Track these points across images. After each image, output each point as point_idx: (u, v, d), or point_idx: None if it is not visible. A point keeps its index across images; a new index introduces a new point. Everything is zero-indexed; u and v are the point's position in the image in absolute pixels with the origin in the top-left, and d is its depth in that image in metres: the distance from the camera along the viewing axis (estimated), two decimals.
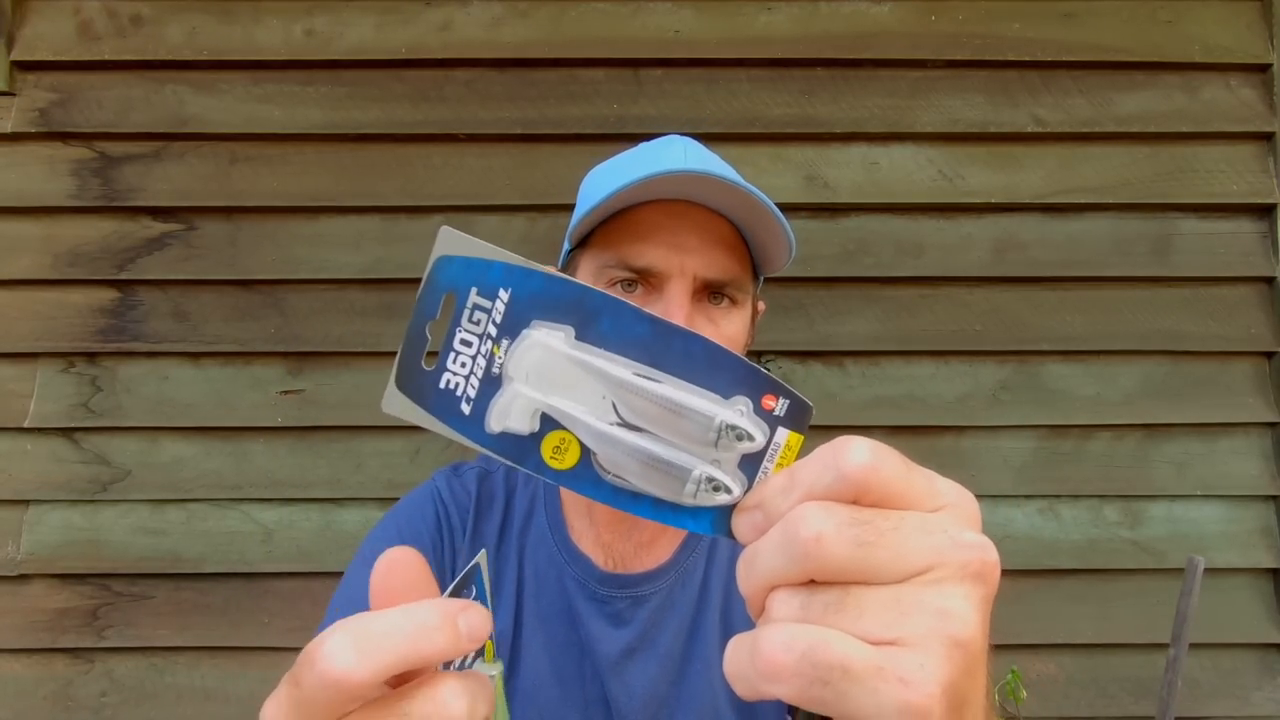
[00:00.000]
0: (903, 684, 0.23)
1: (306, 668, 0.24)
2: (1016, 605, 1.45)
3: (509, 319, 0.28)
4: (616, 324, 0.28)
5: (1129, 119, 1.47)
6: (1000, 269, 1.47)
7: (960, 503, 0.27)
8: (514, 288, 0.28)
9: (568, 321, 0.28)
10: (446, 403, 0.28)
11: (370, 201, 1.46)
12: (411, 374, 0.29)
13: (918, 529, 0.25)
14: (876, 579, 0.24)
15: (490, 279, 0.28)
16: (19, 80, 1.44)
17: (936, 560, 0.24)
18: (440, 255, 0.28)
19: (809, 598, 0.25)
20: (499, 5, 1.47)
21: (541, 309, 0.28)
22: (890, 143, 1.48)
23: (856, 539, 0.24)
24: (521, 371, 0.28)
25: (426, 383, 0.28)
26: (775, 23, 1.47)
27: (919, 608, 0.24)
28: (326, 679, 0.23)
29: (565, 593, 0.68)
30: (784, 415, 0.28)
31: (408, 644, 0.24)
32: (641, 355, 0.28)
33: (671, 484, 0.28)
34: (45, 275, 1.43)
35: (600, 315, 0.28)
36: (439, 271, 0.28)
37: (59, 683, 1.42)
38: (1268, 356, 1.47)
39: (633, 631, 0.67)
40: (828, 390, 1.47)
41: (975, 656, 0.24)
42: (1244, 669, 1.45)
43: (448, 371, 0.28)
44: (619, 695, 0.65)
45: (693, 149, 0.68)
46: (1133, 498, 1.46)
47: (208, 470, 1.44)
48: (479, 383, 0.28)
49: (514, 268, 0.28)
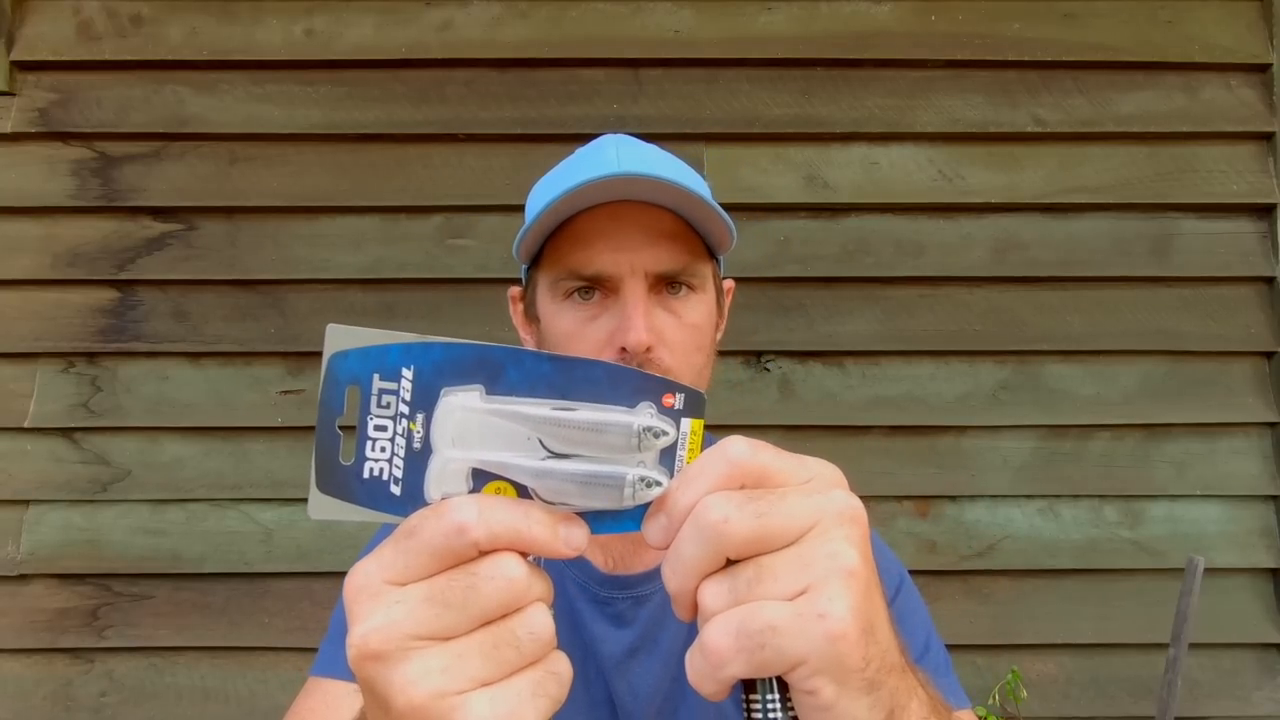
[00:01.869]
0: (821, 618, 0.28)
1: (431, 520, 0.28)
2: (1016, 605, 1.45)
3: (418, 393, 0.29)
4: (520, 370, 0.30)
5: (1129, 119, 1.47)
6: (1000, 269, 1.47)
7: (825, 473, 0.31)
8: (415, 363, 0.29)
9: (476, 381, 0.29)
10: (375, 490, 0.30)
11: (370, 201, 1.46)
12: (332, 473, 0.30)
13: (798, 497, 0.30)
14: (778, 543, 0.29)
15: (390, 361, 0.29)
16: (19, 80, 1.44)
17: (818, 516, 0.29)
18: (334, 352, 0.29)
19: (733, 581, 0.29)
20: (499, 5, 1.47)
21: (447, 376, 0.29)
22: (890, 143, 1.48)
23: (755, 512, 0.28)
24: (446, 437, 0.29)
25: (350, 477, 0.29)
26: (775, 23, 1.47)
27: (815, 556, 0.29)
28: (450, 525, 0.27)
29: (567, 595, 0.68)
30: (683, 407, 0.31)
31: (520, 523, 0.28)
32: (550, 392, 0.30)
33: (611, 494, 0.30)
34: (45, 275, 1.43)
35: (505, 367, 0.29)
36: (336, 368, 0.29)
37: (59, 683, 1.42)
38: (1268, 356, 1.47)
39: (635, 631, 0.67)
40: (828, 390, 1.47)
41: (865, 582, 0.29)
42: (1244, 669, 1.45)
43: (368, 460, 0.29)
44: (624, 695, 0.65)
45: (625, 147, 0.67)
46: (1133, 498, 1.46)
47: (208, 470, 1.44)
48: (403, 461, 0.29)
49: (411, 345, 0.29)
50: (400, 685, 0.27)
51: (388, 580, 0.28)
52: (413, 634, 0.27)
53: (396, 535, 0.29)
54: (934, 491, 1.46)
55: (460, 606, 0.28)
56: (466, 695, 0.27)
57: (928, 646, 0.68)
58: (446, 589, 0.28)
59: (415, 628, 0.27)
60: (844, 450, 1.45)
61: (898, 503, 1.46)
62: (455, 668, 0.27)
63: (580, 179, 0.59)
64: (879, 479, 1.44)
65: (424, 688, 0.27)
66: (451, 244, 1.47)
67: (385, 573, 0.28)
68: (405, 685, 0.27)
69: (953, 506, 1.46)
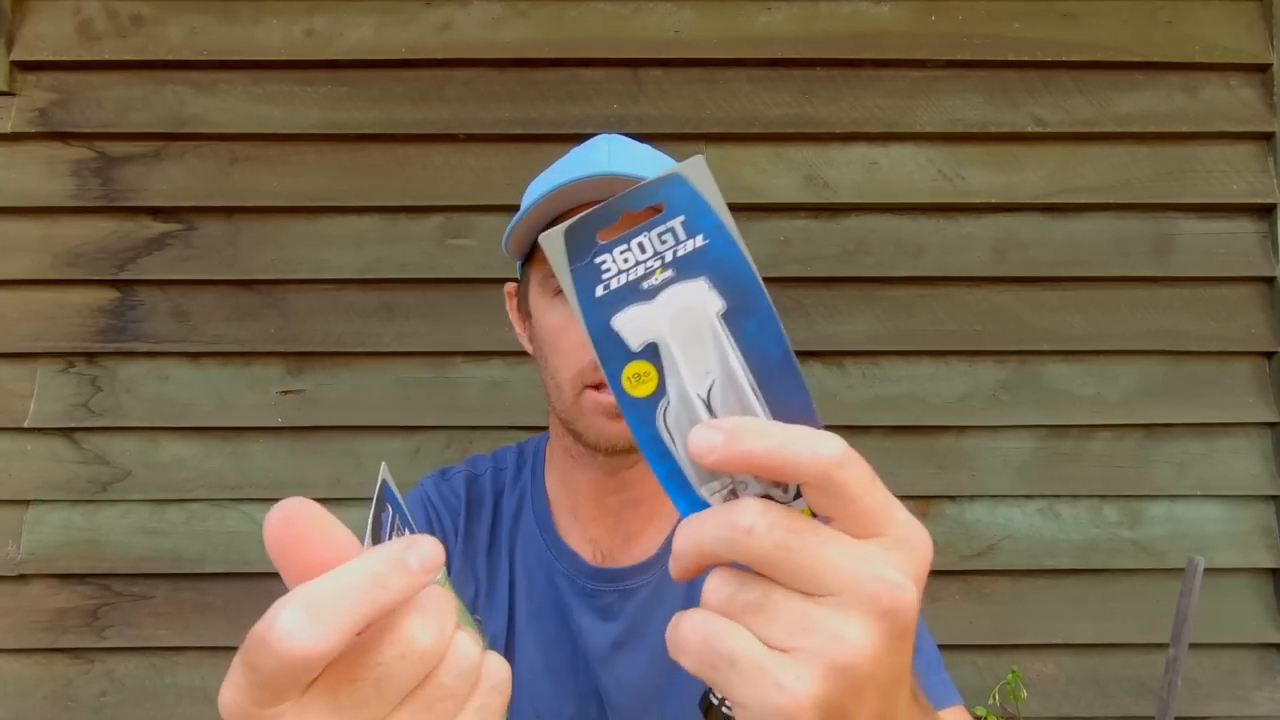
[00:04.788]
0: (777, 689, 0.25)
1: (262, 651, 0.23)
2: (1016, 605, 1.45)
3: (689, 260, 0.29)
4: (760, 331, 0.29)
5: (1129, 119, 1.47)
6: (1000, 269, 1.47)
7: (907, 539, 0.28)
8: (711, 242, 0.29)
9: (727, 299, 0.29)
10: (590, 274, 0.29)
11: (370, 201, 1.46)
12: (584, 234, 0.29)
13: (842, 552, 0.26)
14: (792, 584, 0.27)
15: (700, 223, 0.29)
16: (19, 80, 1.44)
17: (849, 586, 0.26)
18: (692, 173, 0.28)
19: (736, 592, 0.27)
20: (499, 5, 1.47)
21: (717, 275, 0.29)
22: (890, 143, 1.48)
23: (780, 543, 0.26)
24: (669, 305, 0.29)
25: (588, 248, 0.29)
26: (775, 23, 1.47)
27: (819, 627, 0.26)
28: (287, 659, 0.22)
29: (555, 588, 0.69)
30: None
31: (366, 600, 0.24)
32: (756, 368, 0.29)
33: (704, 474, 0.29)
34: (45, 275, 1.43)
35: (752, 315, 0.29)
36: (671, 188, 0.29)
37: (59, 683, 1.42)
38: (1268, 356, 1.47)
39: (621, 625, 0.68)
40: (828, 390, 1.47)
41: (860, 681, 0.26)
42: (1244, 669, 1.45)
43: (610, 254, 0.29)
44: (610, 687, 0.66)
45: (617, 147, 0.68)
46: (1133, 498, 1.46)
47: (208, 470, 1.44)
48: (625, 283, 0.29)
49: (724, 229, 0.29)
50: None
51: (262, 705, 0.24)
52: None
53: (240, 658, 0.24)
54: (934, 491, 1.46)
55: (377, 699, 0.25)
56: None
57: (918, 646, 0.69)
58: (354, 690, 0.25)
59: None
60: None
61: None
62: None
63: (570, 177, 0.59)
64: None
65: None
66: (451, 244, 1.47)
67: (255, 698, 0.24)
68: None
69: (953, 506, 1.46)
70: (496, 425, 1.44)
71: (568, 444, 0.70)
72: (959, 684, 0.68)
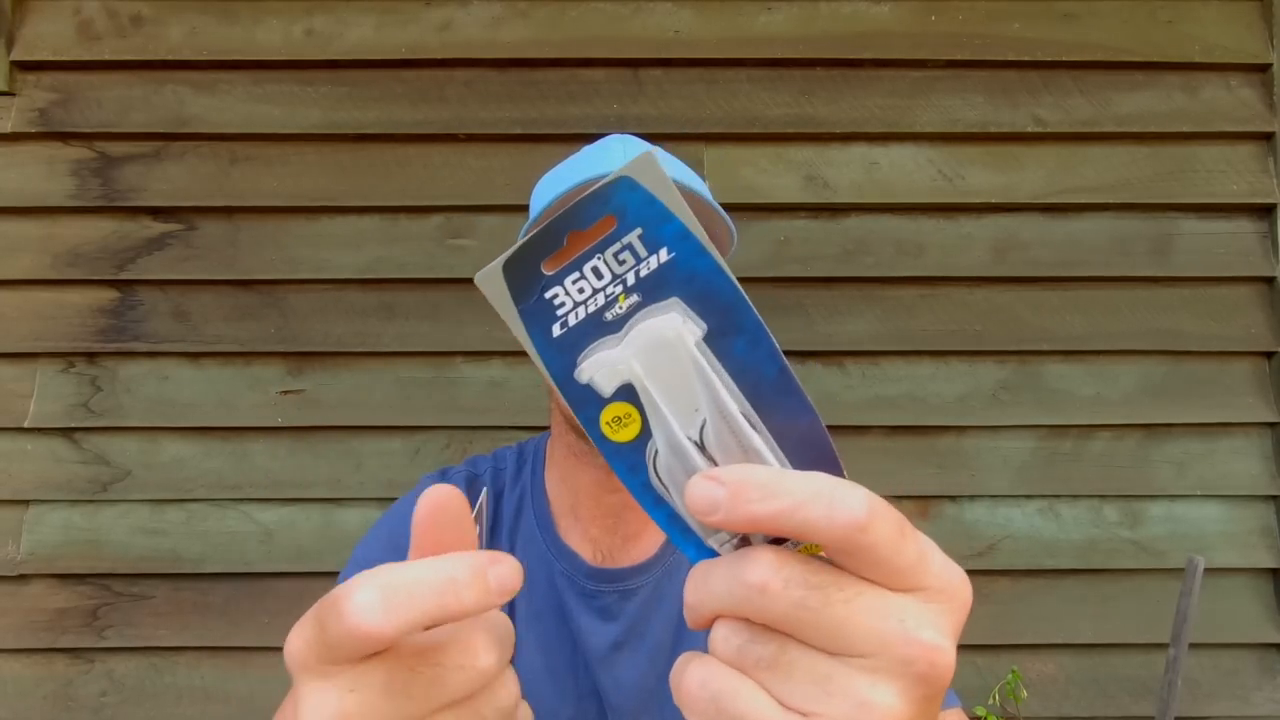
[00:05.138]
0: None
1: (333, 616, 0.25)
2: (1016, 605, 1.45)
3: (654, 280, 0.25)
4: (750, 352, 0.26)
5: (1129, 119, 1.47)
6: (1000, 269, 1.47)
7: (945, 589, 0.25)
8: (679, 255, 0.25)
9: (707, 320, 0.26)
10: (541, 313, 0.26)
11: (370, 201, 1.46)
12: (527, 267, 0.26)
13: (871, 610, 0.23)
14: (813, 644, 0.24)
15: (663, 232, 0.25)
16: (19, 80, 1.44)
17: (879, 649, 0.23)
18: (629, 176, 0.25)
19: (748, 644, 0.25)
20: (499, 5, 1.47)
21: (691, 293, 0.25)
22: (890, 143, 1.48)
23: (800, 601, 0.23)
24: (640, 340, 0.25)
25: (535, 284, 0.26)
26: (775, 23, 1.47)
27: (844, 692, 0.23)
28: (353, 633, 0.24)
29: (555, 589, 0.69)
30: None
31: (436, 601, 0.25)
32: (751, 392, 0.26)
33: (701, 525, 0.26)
34: (45, 275, 1.43)
35: (739, 334, 0.26)
36: (619, 191, 0.25)
37: (59, 683, 1.42)
38: (1268, 356, 1.47)
39: (621, 625, 0.68)
40: (828, 390, 1.47)
41: None
42: (1244, 669, 1.45)
43: (561, 286, 0.26)
44: (610, 688, 0.66)
45: (632, 147, 0.68)
46: (1133, 498, 1.46)
47: (208, 470, 1.44)
48: (584, 317, 0.26)
49: (691, 236, 0.25)
50: None
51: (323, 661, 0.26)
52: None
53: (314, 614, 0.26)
54: (934, 491, 1.46)
55: (424, 697, 0.26)
56: None
57: None
58: (409, 680, 0.25)
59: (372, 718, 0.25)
60: (844, 450, 1.44)
61: (897, 503, 1.45)
62: None
63: (585, 176, 0.59)
64: (879, 479, 1.44)
65: None
66: (451, 244, 1.47)
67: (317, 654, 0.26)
68: None
69: (953, 506, 1.46)
70: (496, 425, 1.44)
71: (570, 441, 0.70)
72: (959, 684, 0.68)
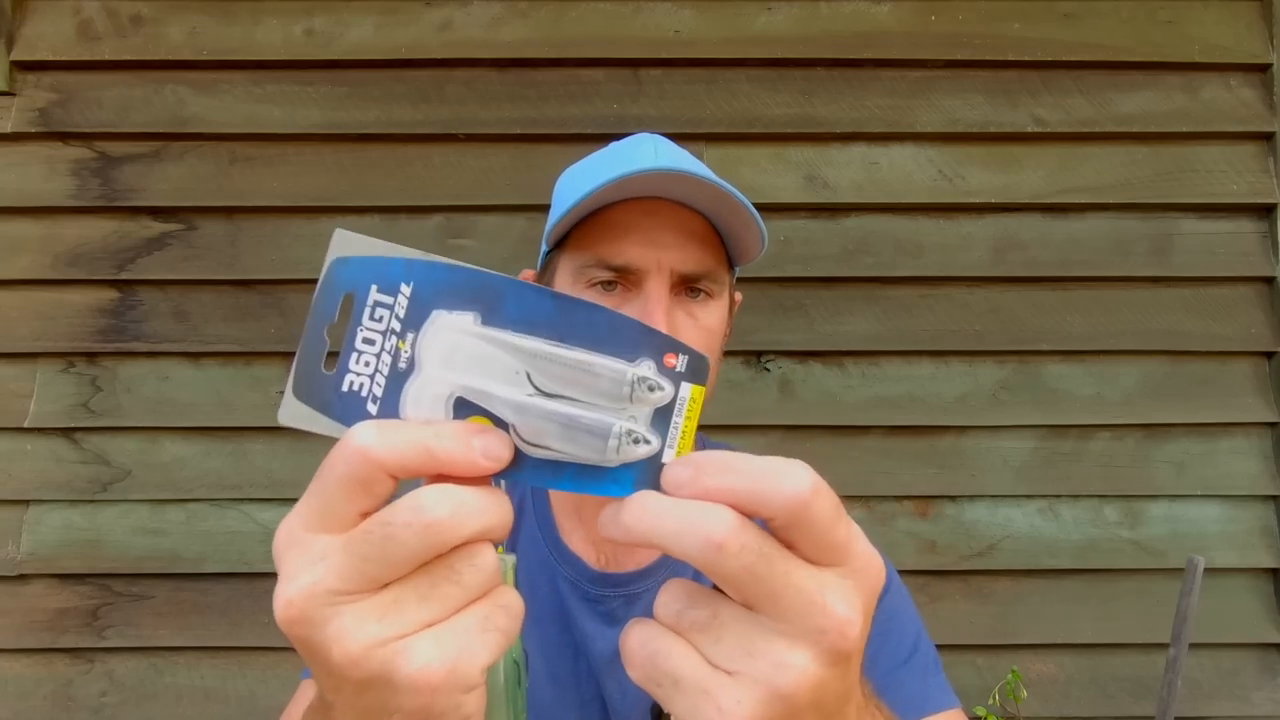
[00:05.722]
0: (718, 712, 0.26)
1: (335, 450, 0.27)
2: (1016, 605, 1.45)
3: (413, 312, 0.28)
4: (521, 305, 0.28)
5: (1129, 119, 1.47)
6: (1000, 269, 1.47)
7: (864, 569, 0.28)
8: (416, 281, 0.28)
9: (473, 308, 0.28)
10: (351, 405, 0.28)
11: (370, 201, 1.46)
12: (311, 381, 0.28)
13: (802, 583, 0.26)
14: (746, 603, 0.27)
15: (391, 275, 0.28)
16: (19, 80, 1.44)
17: (800, 617, 0.26)
18: (337, 257, 0.28)
19: (685, 610, 0.28)
20: (499, 5, 1.47)
21: (445, 299, 0.28)
22: (890, 143, 1.48)
23: (749, 567, 0.26)
24: (434, 356, 0.28)
25: (328, 388, 0.28)
26: (775, 23, 1.47)
27: (764, 654, 0.26)
28: (351, 450, 0.26)
29: (558, 594, 0.68)
30: (685, 370, 0.29)
31: (423, 436, 0.26)
32: (548, 331, 0.28)
33: (594, 442, 0.28)
34: (45, 275, 1.43)
35: (504, 298, 0.28)
36: (336, 273, 0.28)
37: (59, 683, 1.42)
38: (1268, 356, 1.47)
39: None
40: (828, 390, 1.47)
41: (797, 711, 0.26)
42: (1244, 669, 1.45)
43: (350, 373, 0.28)
44: (614, 694, 0.66)
45: (663, 146, 0.68)
46: (1133, 498, 1.46)
47: (208, 470, 1.44)
48: (385, 380, 0.28)
49: (415, 261, 0.28)
50: (334, 639, 0.26)
51: (310, 529, 0.27)
52: (337, 590, 0.26)
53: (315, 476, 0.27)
54: (934, 491, 1.46)
55: (380, 558, 0.26)
56: (408, 639, 0.26)
57: (916, 647, 0.68)
58: (363, 540, 0.26)
59: (339, 584, 0.26)
60: (844, 450, 1.45)
61: (898, 503, 1.46)
62: (391, 614, 0.26)
63: (623, 170, 0.59)
64: (879, 479, 1.45)
65: (359, 638, 0.26)
66: (451, 244, 1.47)
67: (307, 521, 0.27)
68: (339, 639, 0.26)
69: (953, 506, 1.46)
70: None
71: None
72: (959, 684, 0.68)
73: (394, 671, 0.26)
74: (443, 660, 0.26)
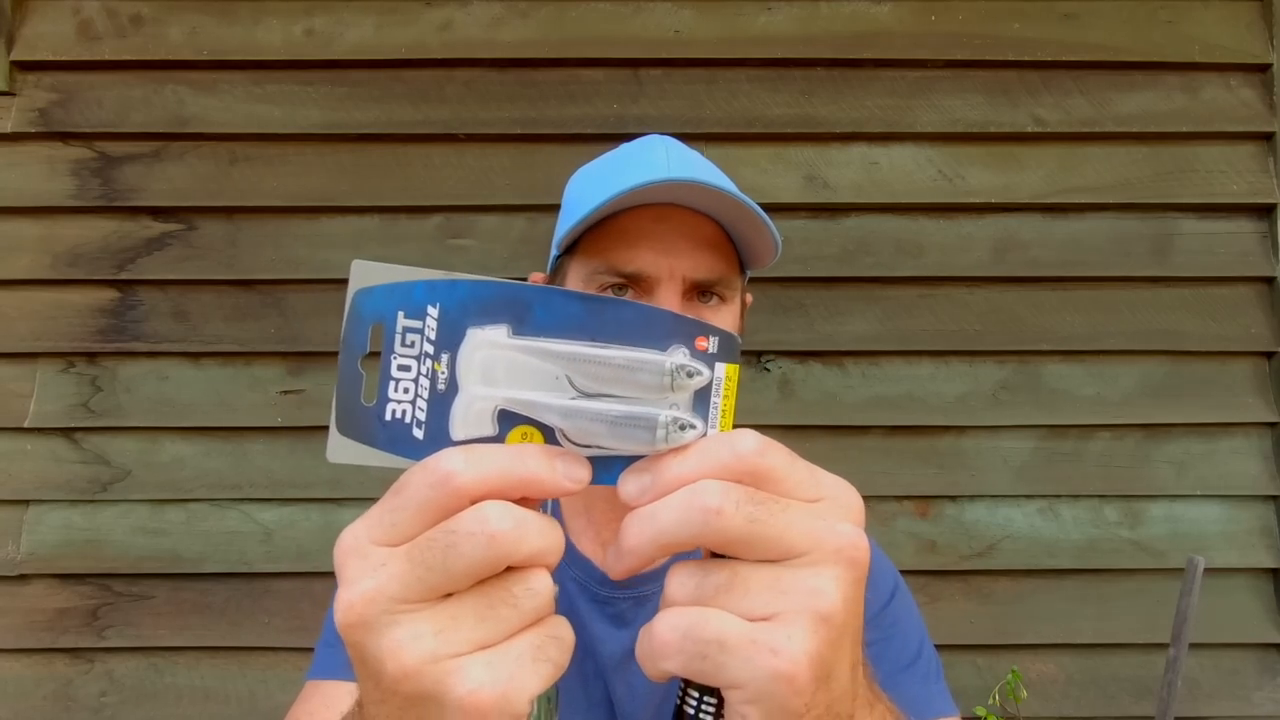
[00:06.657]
0: (773, 654, 0.26)
1: (417, 472, 0.27)
2: (1016, 605, 1.45)
3: (443, 333, 0.28)
4: (549, 311, 0.28)
5: (1129, 119, 1.47)
6: (1000, 269, 1.47)
7: (839, 495, 0.29)
8: (441, 301, 0.28)
9: (502, 320, 0.28)
10: (397, 433, 0.28)
11: (370, 201, 1.46)
12: (353, 415, 0.28)
13: (802, 514, 0.28)
14: (762, 555, 0.27)
15: (415, 299, 0.28)
16: (19, 80, 1.44)
17: (814, 544, 0.27)
18: (358, 289, 0.28)
19: (703, 579, 0.28)
20: (499, 5, 1.47)
21: (473, 315, 0.28)
22: (890, 143, 1.48)
23: (750, 516, 0.27)
24: (473, 374, 0.28)
25: (371, 420, 0.28)
26: (775, 23, 1.47)
27: (794, 587, 0.27)
28: (435, 476, 0.26)
29: (567, 595, 0.68)
30: (717, 351, 0.30)
31: (509, 461, 0.27)
32: (579, 333, 0.29)
33: (643, 436, 0.29)
34: (45, 275, 1.43)
35: (532, 306, 0.28)
36: (360, 305, 0.28)
37: (59, 683, 1.42)
38: (1268, 356, 1.47)
39: (635, 632, 0.67)
40: (828, 390, 1.47)
41: (840, 630, 0.27)
42: (1244, 669, 1.45)
43: (391, 402, 0.28)
44: (622, 696, 0.65)
45: (674, 151, 0.68)
46: (1133, 498, 1.46)
47: (208, 470, 1.44)
48: (427, 404, 0.28)
49: (436, 282, 0.28)
50: (390, 650, 0.26)
51: (376, 541, 0.27)
52: (398, 598, 0.26)
53: (388, 493, 0.28)
54: (934, 491, 1.46)
55: (441, 567, 0.26)
56: (461, 659, 0.26)
57: (919, 653, 0.68)
58: (427, 548, 0.26)
59: (401, 591, 0.26)
60: (844, 450, 1.45)
61: (898, 503, 1.46)
62: (449, 630, 0.26)
63: (637, 179, 0.59)
64: (879, 479, 1.44)
65: (415, 652, 0.26)
66: (451, 244, 1.47)
67: (373, 533, 0.27)
68: (395, 650, 0.26)
69: (953, 506, 1.46)
70: None
71: None
72: (959, 684, 0.68)
73: (446, 691, 0.26)
74: (494, 685, 0.26)
